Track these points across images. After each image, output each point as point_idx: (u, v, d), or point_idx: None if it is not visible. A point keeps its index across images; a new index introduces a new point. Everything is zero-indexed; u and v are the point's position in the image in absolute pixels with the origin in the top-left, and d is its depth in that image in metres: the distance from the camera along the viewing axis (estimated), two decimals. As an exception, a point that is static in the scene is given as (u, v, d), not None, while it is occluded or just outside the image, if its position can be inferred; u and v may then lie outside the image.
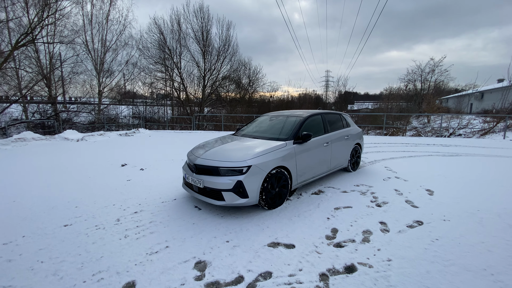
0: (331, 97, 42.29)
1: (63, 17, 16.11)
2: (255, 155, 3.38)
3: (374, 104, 51.65)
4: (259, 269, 2.29)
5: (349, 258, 2.45)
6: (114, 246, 2.69)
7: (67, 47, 17.33)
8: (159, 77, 23.06)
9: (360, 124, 28.11)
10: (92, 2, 18.83)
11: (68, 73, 18.35)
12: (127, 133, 12.38)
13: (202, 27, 22.35)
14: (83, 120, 19.36)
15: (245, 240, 2.80)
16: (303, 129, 4.19)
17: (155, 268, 2.33)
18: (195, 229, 3.06)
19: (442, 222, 3.17)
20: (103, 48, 19.62)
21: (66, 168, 5.94)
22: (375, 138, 10.86)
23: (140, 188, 4.54)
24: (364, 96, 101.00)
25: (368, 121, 32.26)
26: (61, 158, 7.08)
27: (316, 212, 3.48)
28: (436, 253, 2.51)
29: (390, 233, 2.92)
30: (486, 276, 2.17)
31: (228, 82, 26.14)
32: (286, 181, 3.72)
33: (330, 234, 2.92)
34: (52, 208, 3.68)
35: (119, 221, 3.26)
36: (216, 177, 3.31)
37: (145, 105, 23.25)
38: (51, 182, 4.90)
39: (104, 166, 6.18)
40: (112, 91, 21.38)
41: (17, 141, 9.41)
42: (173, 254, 2.55)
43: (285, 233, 2.93)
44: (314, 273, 2.24)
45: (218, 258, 2.47)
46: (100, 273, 2.26)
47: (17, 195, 4.19)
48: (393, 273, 2.22)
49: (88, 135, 11.30)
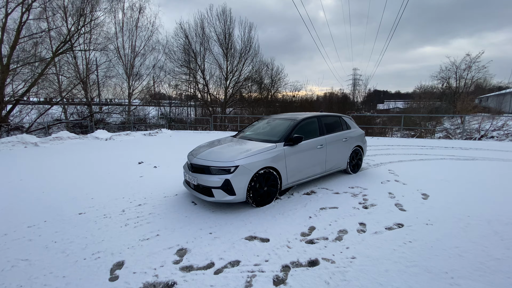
0: (359, 96, 40.79)
1: (97, 26, 17.66)
2: (243, 156, 3.65)
3: (404, 103, 49.10)
4: (230, 258, 2.57)
5: (316, 253, 2.63)
6: (114, 232, 3.13)
7: (101, 53, 18.95)
8: (184, 79, 24.21)
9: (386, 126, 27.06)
10: (123, 10, 20.35)
11: (102, 77, 20.04)
12: (150, 133, 13.28)
13: (225, 30, 23.06)
14: (115, 121, 21.02)
15: (226, 233, 3.09)
16: (296, 132, 4.37)
17: (143, 252, 2.71)
18: (185, 221, 3.41)
19: (423, 226, 3.20)
20: (132, 53, 21.08)
21: (91, 164, 6.67)
22: (390, 140, 10.54)
23: (149, 184, 5.02)
24: (395, 95, 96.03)
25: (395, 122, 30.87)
26: (88, 155, 7.91)
27: (300, 211, 3.66)
28: (403, 254, 2.60)
29: (365, 234, 3.03)
30: (445, 279, 2.24)
31: (250, 83, 26.61)
32: (275, 181, 3.94)
33: (306, 231, 3.11)
34: (72, 198, 4.27)
35: (124, 212, 3.73)
36: (207, 176, 3.64)
37: (170, 106, 24.48)
38: (76, 176, 5.59)
39: (123, 163, 6.83)
40: (141, 93, 22.90)
41: (55, 140, 10.60)
42: (161, 241, 2.92)
43: (264, 228, 3.17)
44: (278, 264, 2.47)
45: (198, 247, 2.78)
46: (98, 253, 2.69)
47: (46, 186, 4.89)
48: (352, 269, 2.37)
49: (115, 135, 12.33)
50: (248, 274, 2.32)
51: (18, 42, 13.36)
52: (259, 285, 2.19)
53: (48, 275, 2.35)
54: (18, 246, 2.83)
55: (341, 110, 29.89)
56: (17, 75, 13.90)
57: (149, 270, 2.40)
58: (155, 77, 23.34)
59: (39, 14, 15.05)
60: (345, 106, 35.11)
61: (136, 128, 19.83)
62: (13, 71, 13.40)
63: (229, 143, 4.38)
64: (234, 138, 4.89)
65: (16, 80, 14.06)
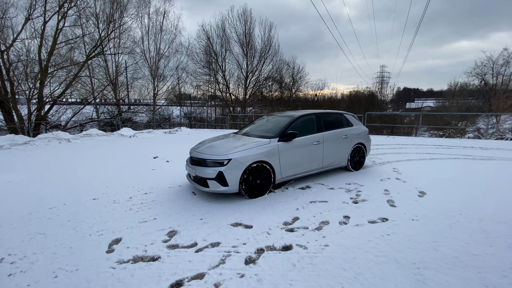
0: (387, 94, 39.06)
1: (125, 31, 18.91)
2: (236, 150, 3.90)
3: (436, 102, 46.25)
4: (212, 240, 2.83)
5: (292, 240, 2.81)
6: (119, 215, 3.53)
7: (128, 56, 20.25)
8: (206, 80, 25.01)
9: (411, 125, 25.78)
10: (149, 15, 21.51)
11: (129, 78, 21.38)
12: (170, 131, 14.01)
13: (245, 30, 23.46)
14: (142, 119, 22.35)
15: (215, 219, 3.36)
16: (292, 128, 4.52)
17: (139, 231, 3.06)
18: (182, 208, 3.74)
19: (408, 221, 3.22)
20: (157, 56, 22.21)
21: (112, 158, 7.32)
22: (407, 139, 10.15)
23: (159, 176, 5.45)
24: (426, 93, 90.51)
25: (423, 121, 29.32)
26: (112, 150, 8.64)
27: (290, 203, 3.83)
28: (377, 245, 2.69)
29: (346, 226, 3.13)
30: (410, 269, 2.31)
31: (271, 82, 26.79)
32: (268, 174, 4.14)
33: (289, 221, 3.28)
34: (90, 186, 4.80)
35: (131, 199, 4.15)
36: (204, 168, 3.94)
37: (191, 106, 25.43)
38: (98, 167, 6.20)
39: (140, 157, 7.39)
40: (165, 93, 24.07)
41: (85, 136, 11.62)
42: (157, 224, 3.26)
43: (251, 217, 3.39)
44: (254, 247, 2.68)
45: (187, 230, 3.08)
46: (102, 231, 3.09)
47: (70, 176, 5.51)
48: (321, 255, 2.52)
49: (138, 132, 13.20)
50: (224, 254, 2.57)
51: (55, 48, 14.78)
52: (232, 263, 2.42)
53: (59, 246, 2.77)
54: (38, 223, 3.33)
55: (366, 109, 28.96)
56: (54, 78, 15.36)
57: (140, 246, 2.74)
58: (178, 78, 24.41)
59: (74, 21, 16.49)
60: (371, 104, 33.77)
61: (161, 126, 20.91)
62: (51, 74, 14.84)
63: (228, 139, 4.64)
64: (236, 134, 5.15)
65: (53, 82, 15.54)
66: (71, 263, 2.46)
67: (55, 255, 2.60)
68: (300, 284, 2.13)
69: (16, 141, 9.70)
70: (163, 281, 2.19)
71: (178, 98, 26.09)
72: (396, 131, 27.56)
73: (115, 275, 2.28)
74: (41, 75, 13.85)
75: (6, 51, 12.45)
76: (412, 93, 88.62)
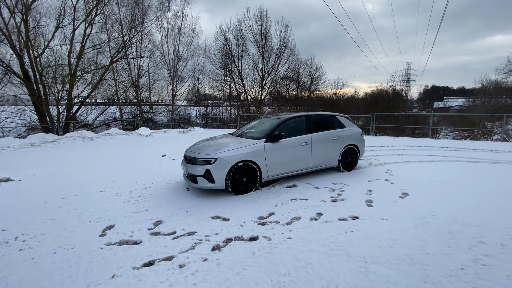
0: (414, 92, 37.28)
1: (146, 35, 20.01)
2: (223, 150, 4.24)
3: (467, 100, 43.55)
4: (190, 229, 3.19)
5: (260, 232, 3.09)
6: (117, 206, 4.01)
7: (149, 59, 21.38)
8: (222, 81, 25.67)
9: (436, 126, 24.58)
10: (168, 19, 22.54)
11: (150, 80, 22.53)
12: (184, 131, 14.70)
13: (261, 31, 23.76)
14: (162, 119, 23.49)
15: (198, 212, 3.72)
16: (280, 130, 4.77)
17: (131, 220, 3.50)
18: (173, 202, 4.15)
19: (377, 220, 3.36)
20: (176, 58, 23.20)
21: (126, 155, 7.98)
22: (415, 141, 9.89)
23: (161, 172, 5.94)
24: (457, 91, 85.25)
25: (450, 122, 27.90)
26: (127, 148, 9.37)
27: (271, 200, 4.10)
28: (336, 240, 2.89)
29: (315, 222, 3.35)
30: (358, 262, 2.50)
31: (288, 81, 26.89)
32: (254, 173, 4.43)
33: (265, 215, 3.56)
34: (99, 180, 5.38)
35: (132, 192, 4.64)
36: (194, 166, 4.32)
37: (206, 106, 26.22)
38: (110, 163, 6.85)
39: (150, 155, 7.99)
40: (183, 94, 25.09)
41: (106, 135, 12.59)
42: (147, 214, 3.68)
43: (231, 211, 3.71)
44: (224, 237, 3.00)
45: (171, 220, 3.47)
46: (100, 218, 3.57)
47: (85, 171, 6.17)
48: (281, 246, 2.78)
49: (154, 132, 14.01)
50: (196, 241, 2.91)
51: (83, 53, 16.06)
52: (200, 249, 2.76)
53: (63, 229, 3.28)
54: (51, 210, 3.89)
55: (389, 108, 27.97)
56: (81, 80, 16.68)
57: (128, 232, 3.16)
58: (197, 79, 25.31)
59: (100, 27, 17.76)
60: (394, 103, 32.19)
61: (181, 126, 21.86)
62: (79, 77, 16.15)
63: (220, 139, 5.00)
64: (231, 135, 5.49)
65: (80, 85, 16.87)
66: (69, 243, 2.93)
67: (58, 236, 3.10)
68: (253, 269, 2.41)
69: (46, 139, 10.79)
70: (139, 260, 2.58)
71: (198, 99, 27.05)
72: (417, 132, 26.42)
73: (101, 254, 2.71)
74: (70, 78, 15.15)
75: (39, 57, 13.77)
76: (441, 91, 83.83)
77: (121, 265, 2.51)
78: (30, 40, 13.52)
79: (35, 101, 14.22)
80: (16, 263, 2.56)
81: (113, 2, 17.85)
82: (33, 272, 2.42)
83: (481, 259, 2.53)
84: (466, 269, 2.38)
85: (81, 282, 2.27)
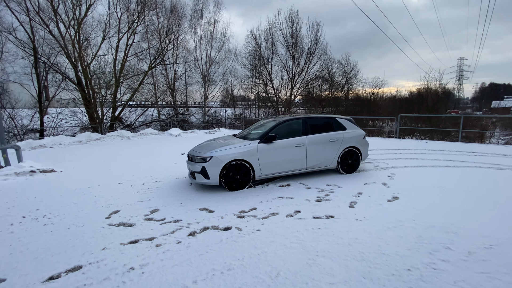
0: (468, 91, 33.74)
1: (181, 42, 21.54)
2: (218, 150, 4.68)
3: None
4: (177, 217, 3.68)
5: (235, 224, 3.44)
6: (127, 195, 4.70)
7: (184, 64, 22.94)
8: (253, 83, 26.37)
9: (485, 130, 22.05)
10: (201, 26, 23.88)
11: (184, 84, 24.15)
12: (210, 131, 15.58)
13: (291, 32, 23.87)
14: (196, 120, 25.02)
15: (191, 204, 4.20)
16: (275, 132, 5.04)
17: (134, 207, 4.12)
18: (174, 194, 4.70)
19: (351, 221, 3.48)
20: (208, 63, 24.47)
21: (151, 153, 8.93)
22: (438, 144, 9.18)
23: (174, 169, 6.62)
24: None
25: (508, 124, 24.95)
26: (155, 146, 10.39)
27: (259, 197, 4.41)
28: (300, 235, 3.11)
29: (290, 218, 3.59)
30: (309, 255, 2.69)
31: (319, 81, 26.57)
32: (248, 171, 4.78)
33: (246, 210, 3.89)
34: (121, 173, 6.23)
35: (143, 184, 5.33)
36: (194, 163, 4.83)
37: (234, 107, 27.13)
38: (136, 159, 7.77)
39: (171, 153, 8.81)
40: (216, 96, 26.36)
41: (141, 135, 13.99)
42: (148, 203, 4.28)
43: (218, 204, 4.12)
44: (203, 225, 3.42)
45: (165, 209, 4.00)
46: (111, 204, 4.26)
47: (114, 165, 7.13)
48: (248, 236, 3.10)
49: (183, 132, 15.12)
50: (178, 227, 3.38)
51: (126, 60, 17.98)
52: (178, 234, 3.22)
53: (80, 211, 4.02)
54: (76, 196, 4.73)
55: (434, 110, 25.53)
56: (124, 84, 18.66)
57: (127, 217, 3.77)
58: (230, 82, 26.40)
59: (141, 37, 19.66)
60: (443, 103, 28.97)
61: (214, 126, 23.08)
62: (122, 82, 18.10)
63: (220, 140, 5.45)
64: (233, 136, 5.91)
65: (124, 89, 18.88)
66: (81, 222, 3.62)
67: (75, 216, 3.83)
68: (214, 253, 2.79)
69: (91, 138, 12.44)
70: (127, 239, 3.13)
71: (231, 100, 28.19)
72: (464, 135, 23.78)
73: (101, 232, 3.33)
74: (115, 84, 17.09)
75: (88, 66, 15.84)
76: (502, 89, 73.92)
77: (113, 241, 3.08)
78: (82, 51, 15.63)
79: (85, 104, 16.38)
80: (39, 234, 3.30)
81: (153, 13, 19.64)
82: (48, 241, 3.11)
83: (435, 263, 2.55)
84: (413, 271, 2.44)
85: (80, 250, 2.88)
